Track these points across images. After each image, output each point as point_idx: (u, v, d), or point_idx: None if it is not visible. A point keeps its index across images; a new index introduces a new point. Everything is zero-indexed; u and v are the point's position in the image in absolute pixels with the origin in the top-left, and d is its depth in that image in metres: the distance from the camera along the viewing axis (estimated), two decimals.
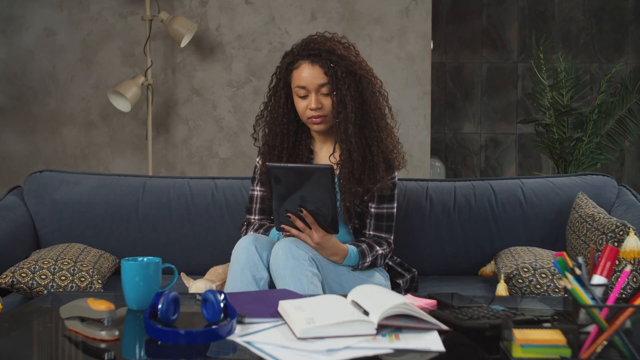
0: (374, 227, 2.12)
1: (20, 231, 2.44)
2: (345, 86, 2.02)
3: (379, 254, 2.07)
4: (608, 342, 1.24)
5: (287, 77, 2.08)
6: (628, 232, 2.05)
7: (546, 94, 4.13)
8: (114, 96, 3.38)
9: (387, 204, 2.12)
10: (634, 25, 5.06)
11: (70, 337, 1.42)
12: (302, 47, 2.06)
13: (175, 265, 1.77)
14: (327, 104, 2.05)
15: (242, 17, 3.60)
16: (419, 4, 3.57)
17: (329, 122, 2.08)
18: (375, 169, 2.06)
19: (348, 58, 2.04)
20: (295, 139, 2.14)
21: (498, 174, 5.16)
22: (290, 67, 2.07)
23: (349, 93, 2.02)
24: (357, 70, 2.04)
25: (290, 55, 2.08)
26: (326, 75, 2.02)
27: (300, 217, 1.91)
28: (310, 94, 2.04)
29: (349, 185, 2.04)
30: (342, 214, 2.07)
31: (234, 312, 1.44)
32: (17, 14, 3.59)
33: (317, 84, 2.03)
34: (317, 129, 2.10)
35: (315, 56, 2.03)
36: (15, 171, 3.64)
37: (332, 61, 2.02)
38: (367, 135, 2.05)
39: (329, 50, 2.03)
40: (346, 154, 2.05)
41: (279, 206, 1.91)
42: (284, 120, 2.11)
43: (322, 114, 2.05)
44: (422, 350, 1.31)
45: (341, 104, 2.03)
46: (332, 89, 2.02)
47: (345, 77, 2.02)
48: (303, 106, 2.06)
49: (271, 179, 1.88)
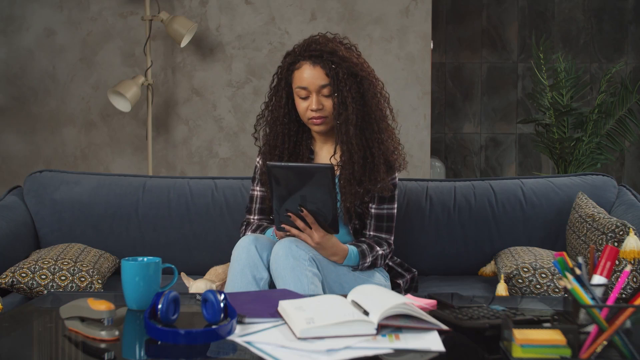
0: (374, 228, 2.12)
1: (20, 231, 2.44)
2: (346, 87, 2.01)
3: (379, 254, 2.07)
4: (608, 342, 1.24)
5: (289, 77, 2.07)
6: (628, 232, 2.05)
7: (546, 94, 4.12)
8: (114, 96, 3.38)
9: (387, 204, 2.12)
10: (634, 25, 5.06)
11: (70, 337, 1.42)
12: (303, 48, 2.05)
13: (175, 265, 1.77)
14: (328, 105, 2.04)
15: (242, 17, 3.60)
16: (419, 4, 3.57)
17: (329, 123, 2.07)
18: (376, 170, 2.05)
19: (350, 59, 2.03)
20: (297, 139, 2.13)
21: (498, 174, 5.16)
22: (291, 67, 2.06)
23: (350, 94, 2.01)
24: (359, 72, 2.03)
25: (292, 55, 2.07)
26: (327, 76, 2.01)
27: (300, 217, 1.91)
28: (312, 95, 2.03)
29: (350, 186, 2.04)
30: (343, 215, 2.07)
31: (234, 312, 1.44)
32: (17, 14, 3.59)
33: (318, 85, 2.02)
34: (318, 130, 2.09)
35: (316, 57, 2.02)
36: (15, 171, 3.64)
37: (334, 62, 2.01)
38: (367, 136, 2.04)
39: (331, 51, 2.02)
40: (347, 155, 2.04)
41: (279, 206, 1.90)
42: (285, 120, 2.10)
43: (322, 115, 2.05)
44: (422, 350, 1.31)
45: (342, 105, 2.02)
46: (333, 90, 2.02)
47: (347, 79, 2.01)
48: (304, 107, 2.06)
49: (271, 179, 1.88)
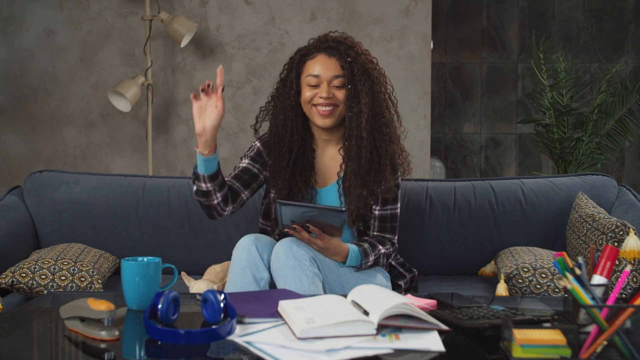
0: (378, 229, 2.10)
1: (20, 231, 2.44)
2: (360, 82, 1.97)
3: (381, 253, 2.05)
4: (608, 342, 1.24)
5: (300, 68, 2.03)
6: (628, 232, 2.05)
7: (546, 94, 4.12)
8: (114, 96, 3.38)
9: (390, 205, 2.10)
10: (634, 25, 5.06)
11: (70, 337, 1.42)
12: (320, 41, 2.03)
13: (175, 265, 1.77)
14: (339, 95, 2.00)
15: (242, 17, 3.60)
16: (419, 4, 3.57)
17: (335, 117, 2.02)
18: (381, 171, 2.02)
19: (366, 57, 2.02)
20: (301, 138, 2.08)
21: (498, 174, 5.16)
22: (304, 58, 2.03)
23: (364, 89, 1.97)
24: (373, 71, 2.01)
25: (305, 48, 2.05)
26: (342, 68, 1.98)
27: (305, 227, 1.88)
28: (322, 84, 1.99)
29: (354, 187, 2.01)
30: (347, 218, 2.02)
31: (234, 312, 1.44)
32: (17, 14, 3.59)
33: (331, 75, 1.99)
34: (322, 123, 2.02)
35: (333, 49, 2.00)
36: (15, 171, 3.64)
37: (350, 56, 1.99)
38: (376, 136, 2.01)
39: (349, 45, 2.00)
40: (355, 149, 1.99)
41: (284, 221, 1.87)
42: (292, 113, 2.05)
43: (332, 103, 1.99)
44: (422, 350, 1.31)
45: (355, 98, 1.98)
46: (346, 82, 1.98)
47: (361, 75, 1.98)
48: (311, 94, 2.00)
49: (281, 212, 1.84)
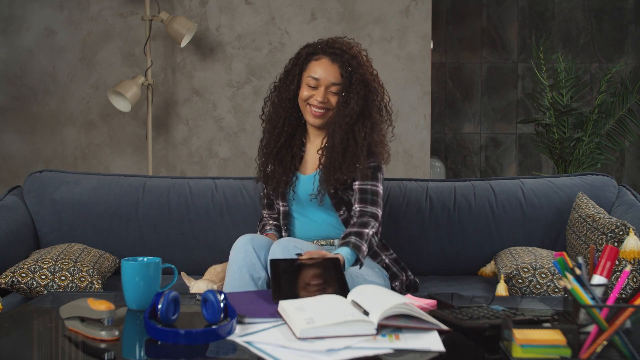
0: (359, 201, 2.08)
1: (20, 231, 2.44)
2: (354, 91, 2.07)
3: (369, 236, 2.00)
4: (608, 342, 1.24)
5: (304, 65, 2.12)
6: (628, 232, 2.05)
7: (546, 94, 4.12)
8: (114, 96, 3.38)
9: (370, 181, 2.09)
10: (634, 25, 5.06)
11: (70, 337, 1.42)
12: (327, 44, 2.12)
13: (175, 265, 1.77)
14: (333, 101, 2.10)
15: (242, 17, 3.60)
16: (419, 4, 3.57)
17: (326, 119, 2.12)
18: (356, 156, 2.07)
19: (367, 69, 2.10)
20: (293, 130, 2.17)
21: (498, 174, 5.16)
22: (309, 57, 2.12)
23: (356, 97, 2.07)
24: (372, 82, 2.10)
25: (312, 47, 2.13)
26: (342, 76, 2.08)
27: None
28: (320, 88, 2.09)
29: (330, 172, 2.06)
30: (330, 201, 2.09)
31: (234, 312, 1.44)
32: (17, 14, 3.59)
33: (330, 81, 2.08)
34: (313, 122, 2.13)
35: (337, 55, 2.09)
36: (15, 171, 3.64)
37: (352, 66, 2.08)
38: (356, 130, 2.08)
39: (353, 55, 2.09)
40: (330, 142, 2.08)
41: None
42: (288, 104, 2.15)
43: (326, 107, 2.10)
44: (422, 350, 1.32)
45: (344, 104, 2.08)
46: (341, 90, 2.08)
47: (358, 85, 2.07)
48: (308, 94, 2.10)
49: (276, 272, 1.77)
